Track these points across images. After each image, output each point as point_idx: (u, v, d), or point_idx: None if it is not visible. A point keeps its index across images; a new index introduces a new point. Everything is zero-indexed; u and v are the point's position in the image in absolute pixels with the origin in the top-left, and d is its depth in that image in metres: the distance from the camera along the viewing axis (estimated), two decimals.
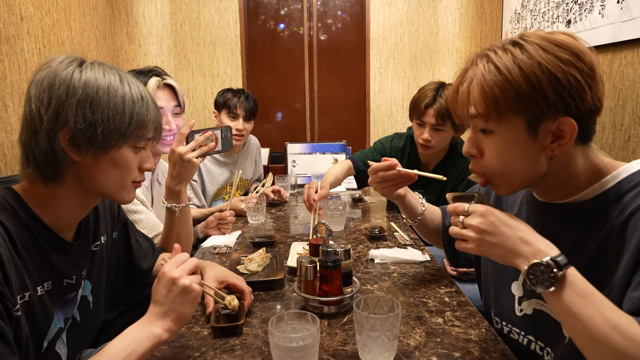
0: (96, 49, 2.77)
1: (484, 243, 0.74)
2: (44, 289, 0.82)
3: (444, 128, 1.77)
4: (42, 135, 0.77)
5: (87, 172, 0.82)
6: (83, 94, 0.77)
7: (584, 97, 0.70)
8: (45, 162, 0.78)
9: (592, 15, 1.90)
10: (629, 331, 0.60)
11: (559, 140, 0.73)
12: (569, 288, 0.65)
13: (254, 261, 1.29)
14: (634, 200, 0.70)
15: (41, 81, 0.78)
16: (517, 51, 0.72)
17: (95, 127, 0.78)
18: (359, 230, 1.74)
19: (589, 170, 0.77)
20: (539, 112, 0.71)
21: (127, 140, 0.83)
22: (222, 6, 3.37)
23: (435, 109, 1.74)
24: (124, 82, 0.82)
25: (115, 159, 0.83)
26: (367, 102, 3.52)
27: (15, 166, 1.88)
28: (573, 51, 0.70)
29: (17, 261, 0.75)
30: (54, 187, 0.81)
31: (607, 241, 0.73)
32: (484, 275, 1.04)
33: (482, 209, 0.75)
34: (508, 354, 0.86)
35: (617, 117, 1.77)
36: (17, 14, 1.94)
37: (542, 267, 0.66)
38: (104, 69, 0.82)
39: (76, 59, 0.82)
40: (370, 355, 0.83)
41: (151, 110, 0.86)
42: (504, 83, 0.71)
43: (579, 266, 0.72)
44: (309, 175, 2.66)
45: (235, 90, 2.24)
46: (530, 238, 0.71)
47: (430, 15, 3.42)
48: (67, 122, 0.77)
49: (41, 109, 0.77)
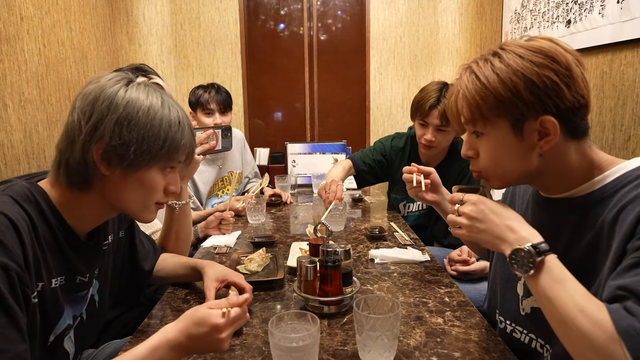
0: (96, 49, 2.77)
1: (473, 229, 0.81)
2: (58, 283, 0.84)
3: (447, 129, 1.76)
4: (78, 145, 0.80)
5: (113, 187, 0.84)
6: (124, 113, 0.80)
7: (562, 95, 0.74)
8: (75, 171, 0.81)
9: (592, 15, 1.90)
10: (595, 316, 0.63)
11: (545, 137, 0.77)
12: (546, 273, 0.70)
13: (254, 261, 1.29)
14: (626, 195, 0.72)
15: (88, 94, 0.81)
16: (495, 60, 0.78)
17: (129, 146, 0.80)
18: (359, 230, 1.74)
19: (585, 166, 0.80)
20: (519, 113, 0.76)
21: (157, 162, 0.85)
22: (222, 6, 3.37)
23: (440, 110, 1.72)
24: (164, 105, 0.84)
25: (143, 178, 0.85)
26: (367, 102, 3.52)
27: (15, 166, 1.88)
28: (547, 54, 0.75)
29: (37, 250, 0.77)
30: (80, 194, 0.84)
31: (599, 235, 0.75)
32: (493, 274, 1.05)
33: (475, 198, 0.82)
34: (508, 354, 0.86)
35: (617, 117, 1.77)
36: (17, 14, 1.94)
37: (523, 252, 0.72)
38: (148, 90, 0.84)
39: (125, 78, 0.85)
40: (370, 355, 0.83)
41: (186, 135, 0.87)
42: (483, 90, 0.77)
43: (575, 258, 0.77)
44: (309, 175, 2.66)
45: (205, 86, 2.18)
46: (517, 226, 0.76)
47: (430, 15, 3.42)
48: (103, 136, 0.79)
49: (82, 121, 0.79)
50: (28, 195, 0.79)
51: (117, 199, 0.86)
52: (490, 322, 1.01)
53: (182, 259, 1.23)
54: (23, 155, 1.94)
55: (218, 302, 0.79)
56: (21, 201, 0.77)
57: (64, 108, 2.32)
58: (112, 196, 0.85)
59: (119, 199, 0.86)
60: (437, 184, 1.26)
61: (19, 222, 0.73)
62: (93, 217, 0.89)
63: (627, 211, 0.70)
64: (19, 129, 1.92)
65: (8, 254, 0.70)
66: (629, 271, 0.65)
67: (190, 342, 0.76)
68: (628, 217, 0.69)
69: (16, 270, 0.70)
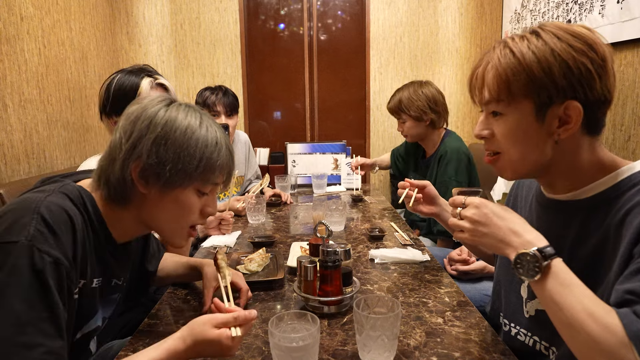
0: (96, 49, 2.77)
1: (477, 233, 0.79)
2: (97, 283, 0.87)
3: (403, 119, 2.15)
4: (118, 162, 0.82)
5: (150, 206, 0.86)
6: (162, 132, 0.82)
7: (593, 85, 0.73)
8: (115, 187, 0.84)
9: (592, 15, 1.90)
10: (604, 320, 0.61)
11: (565, 125, 0.75)
12: (553, 277, 0.68)
13: (254, 261, 1.29)
14: (632, 198, 0.71)
15: (131, 114, 0.84)
16: (533, 38, 0.75)
17: (165, 164, 0.81)
18: (359, 230, 1.74)
19: (593, 165, 0.79)
20: (547, 96, 0.74)
21: (193, 182, 0.86)
22: (222, 6, 3.37)
23: (389, 108, 2.21)
24: (202, 125, 0.85)
25: (179, 198, 0.86)
26: (367, 102, 3.52)
27: (15, 166, 1.88)
28: (586, 41, 0.73)
29: (85, 249, 0.81)
30: (118, 209, 0.87)
31: (605, 238, 0.74)
32: (497, 277, 1.04)
33: (477, 202, 0.80)
34: (508, 354, 0.86)
35: (617, 117, 1.77)
36: (17, 14, 1.94)
37: (529, 257, 0.70)
38: (187, 110, 0.86)
39: (167, 99, 0.87)
40: (370, 355, 0.83)
41: (222, 156, 0.88)
42: (517, 66, 0.75)
43: (581, 260, 0.75)
44: (309, 175, 2.66)
45: (213, 88, 2.19)
46: (520, 229, 0.75)
47: (430, 15, 3.42)
48: (141, 155, 0.81)
49: (123, 139, 0.82)
50: (79, 197, 0.83)
51: (153, 218, 0.89)
52: (494, 325, 1.00)
53: (182, 259, 1.23)
54: (23, 155, 1.94)
55: (224, 319, 0.77)
56: (75, 200, 0.81)
57: (64, 108, 2.32)
58: (148, 215, 0.88)
59: (155, 218, 0.88)
60: (433, 196, 1.25)
61: (75, 218, 0.78)
62: (128, 231, 0.92)
63: (634, 214, 0.69)
64: (19, 129, 1.92)
65: (61, 249, 0.73)
66: (636, 275, 0.64)
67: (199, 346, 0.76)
68: (635, 221, 0.68)
69: (66, 265, 0.73)
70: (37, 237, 0.71)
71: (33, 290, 0.68)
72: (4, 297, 0.67)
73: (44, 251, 0.70)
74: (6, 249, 0.69)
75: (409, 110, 2.08)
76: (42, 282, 0.69)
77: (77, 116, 2.46)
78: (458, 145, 2.04)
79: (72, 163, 2.36)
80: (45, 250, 0.71)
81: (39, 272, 0.69)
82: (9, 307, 0.66)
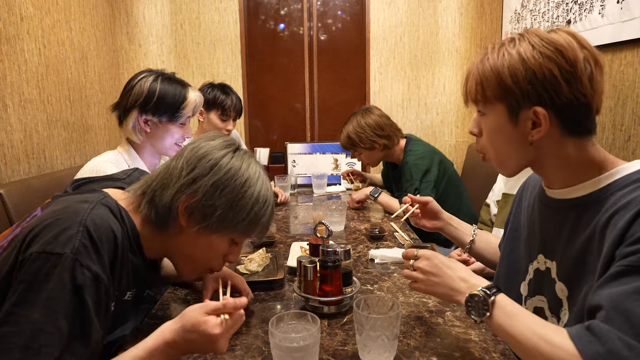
0: (96, 49, 2.77)
1: (429, 282, 0.86)
2: (130, 296, 0.89)
3: (359, 151, 2.21)
4: (170, 190, 0.85)
5: (182, 238, 0.88)
6: (223, 177, 0.84)
7: (560, 90, 0.75)
8: (158, 211, 0.86)
9: (592, 15, 1.90)
10: (554, 340, 0.66)
11: (537, 127, 0.79)
12: (500, 311, 0.74)
13: (254, 261, 1.29)
14: (621, 199, 0.72)
15: (198, 149, 0.87)
16: (510, 46, 0.80)
17: (216, 209, 0.83)
18: (359, 230, 1.74)
19: (584, 164, 0.80)
20: (515, 100, 0.79)
21: (234, 232, 0.88)
22: (222, 6, 3.37)
23: (342, 146, 2.26)
24: (259, 180, 0.88)
25: (213, 242, 0.88)
26: (367, 102, 3.52)
27: (15, 166, 1.88)
28: (557, 47, 0.76)
29: (123, 264, 0.83)
30: (150, 229, 0.88)
31: (592, 237, 0.75)
32: (497, 275, 1.05)
33: (429, 254, 0.88)
34: (508, 354, 0.86)
35: (617, 117, 1.77)
36: (17, 14, 1.94)
37: (477, 297, 0.77)
38: (250, 161, 0.88)
39: (234, 144, 0.89)
40: (370, 355, 0.83)
41: (267, 214, 0.90)
42: (489, 72, 0.81)
43: (570, 258, 0.78)
44: (309, 175, 2.66)
45: (224, 89, 2.19)
46: (467, 276, 0.83)
47: (430, 15, 3.42)
48: (197, 192, 0.83)
49: (184, 171, 0.85)
50: (118, 211, 0.84)
51: (179, 251, 0.90)
52: None
53: None
54: (23, 155, 1.94)
55: (214, 306, 0.77)
56: (116, 214, 0.83)
57: (63, 108, 2.32)
58: (176, 246, 0.89)
59: (181, 251, 0.90)
60: (436, 211, 1.25)
61: (117, 234, 0.79)
62: (154, 252, 0.93)
63: (619, 216, 0.70)
64: (19, 129, 1.92)
65: (102, 264, 0.74)
66: (614, 280, 0.65)
67: (188, 345, 0.76)
68: (619, 222, 0.69)
69: (104, 281, 0.75)
70: (81, 251, 0.72)
71: (73, 306, 0.71)
72: (49, 309, 0.69)
73: (85, 265, 0.72)
74: (53, 260, 0.70)
75: (360, 143, 2.15)
76: (80, 299, 0.71)
77: (77, 116, 2.45)
78: (420, 151, 2.11)
79: (72, 163, 2.36)
80: (87, 264, 0.72)
81: (78, 287, 0.71)
82: (53, 319, 0.68)
